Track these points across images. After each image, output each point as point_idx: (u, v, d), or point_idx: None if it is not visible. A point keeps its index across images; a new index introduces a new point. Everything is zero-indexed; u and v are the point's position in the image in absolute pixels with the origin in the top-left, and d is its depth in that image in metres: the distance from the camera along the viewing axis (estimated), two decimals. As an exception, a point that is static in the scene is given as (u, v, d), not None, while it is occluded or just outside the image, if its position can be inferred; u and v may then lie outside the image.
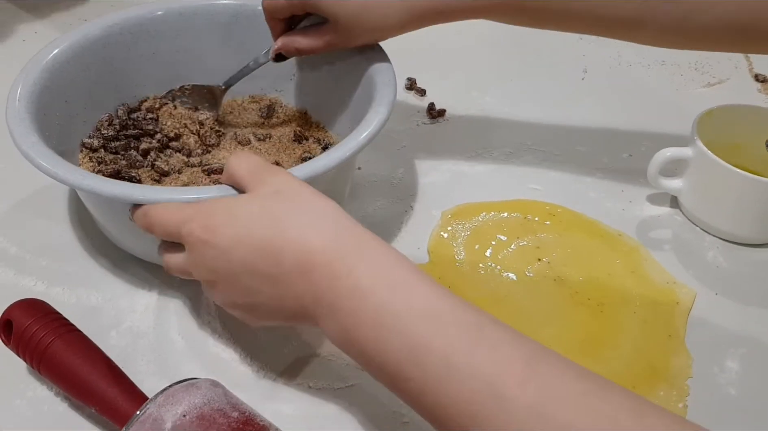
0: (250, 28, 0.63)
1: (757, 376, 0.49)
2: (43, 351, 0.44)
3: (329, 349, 0.50)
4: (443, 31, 0.83)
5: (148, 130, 0.61)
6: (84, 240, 0.57)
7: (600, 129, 0.69)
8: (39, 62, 0.55)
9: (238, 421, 0.40)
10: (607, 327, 0.51)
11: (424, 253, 0.56)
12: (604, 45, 0.81)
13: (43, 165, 0.47)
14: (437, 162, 0.65)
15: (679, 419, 0.32)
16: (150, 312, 0.52)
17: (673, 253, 0.57)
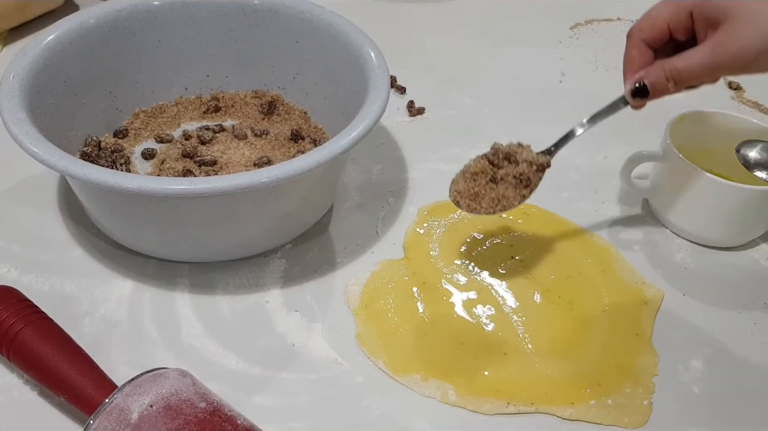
0: (255, 21, 0.63)
1: (721, 376, 0.50)
2: (12, 339, 0.44)
3: (303, 341, 0.50)
4: (424, 29, 0.84)
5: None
6: (60, 229, 0.57)
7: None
8: (40, 42, 0.55)
9: (205, 412, 0.40)
10: (577, 324, 0.52)
11: (399, 249, 0.57)
12: (582, 48, 0.82)
13: (24, 142, 0.47)
14: (415, 159, 0.66)
15: None
16: (124, 302, 0.52)
17: (642, 254, 0.58)
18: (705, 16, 0.45)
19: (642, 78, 0.47)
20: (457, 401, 0.47)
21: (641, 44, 0.47)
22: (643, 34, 0.47)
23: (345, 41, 0.59)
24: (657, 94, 0.47)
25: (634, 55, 0.48)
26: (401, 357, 0.49)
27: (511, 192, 0.50)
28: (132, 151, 0.63)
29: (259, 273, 0.54)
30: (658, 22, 0.47)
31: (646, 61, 0.47)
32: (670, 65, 0.45)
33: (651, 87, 0.46)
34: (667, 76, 0.45)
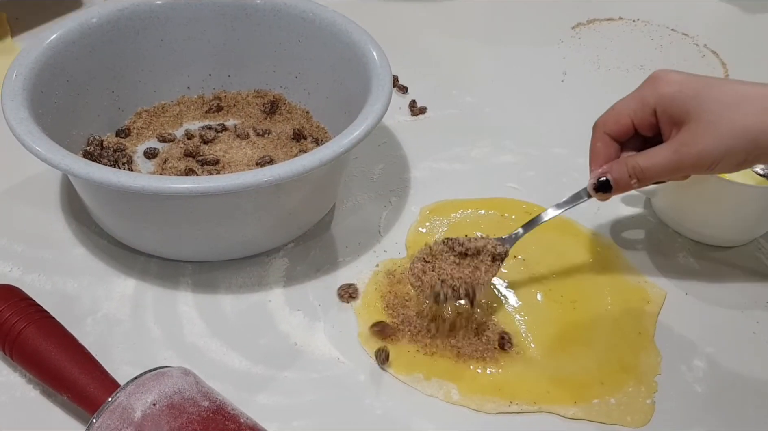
0: (257, 21, 0.63)
1: (723, 375, 0.50)
2: (15, 337, 0.44)
3: (305, 340, 0.50)
4: (427, 29, 0.84)
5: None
6: (62, 228, 0.57)
7: (577, 130, 0.70)
8: (42, 41, 0.56)
9: (208, 410, 0.40)
10: (579, 324, 0.52)
11: (401, 248, 0.57)
12: (583, 48, 0.82)
13: (26, 141, 0.47)
14: (417, 159, 0.66)
15: None
16: (126, 301, 0.52)
17: (645, 253, 0.58)
18: (669, 115, 0.44)
19: (605, 173, 0.46)
20: (459, 400, 0.47)
21: (605, 137, 0.47)
22: (607, 128, 0.47)
23: (347, 40, 0.59)
24: (620, 189, 0.46)
25: (599, 147, 0.47)
26: (404, 356, 0.49)
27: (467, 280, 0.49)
28: (134, 151, 0.63)
29: (261, 272, 0.54)
30: (622, 118, 0.46)
31: (611, 153, 0.47)
32: (633, 162, 0.45)
33: (614, 183, 0.46)
34: (630, 173, 0.45)
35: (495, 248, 0.50)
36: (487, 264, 0.50)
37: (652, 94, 0.45)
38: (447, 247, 0.50)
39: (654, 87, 0.45)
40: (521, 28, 0.86)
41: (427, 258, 0.50)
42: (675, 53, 0.82)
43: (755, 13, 0.90)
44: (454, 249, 0.50)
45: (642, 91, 0.46)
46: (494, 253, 0.50)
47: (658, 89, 0.45)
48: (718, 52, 0.83)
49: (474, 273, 0.49)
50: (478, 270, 0.50)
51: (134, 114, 0.65)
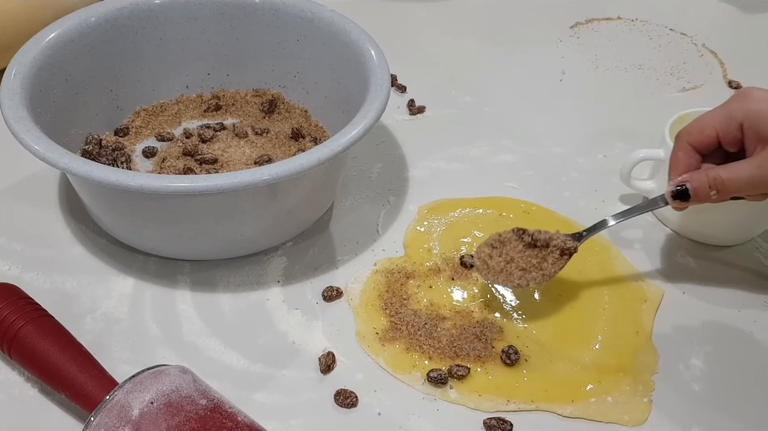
0: (255, 20, 0.63)
1: (721, 374, 0.50)
2: (13, 336, 0.44)
3: (303, 339, 0.50)
4: (425, 28, 0.84)
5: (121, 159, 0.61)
6: (61, 227, 0.57)
7: (576, 130, 0.71)
8: (41, 40, 0.56)
9: (205, 408, 0.40)
10: (577, 322, 0.52)
11: (400, 247, 0.57)
12: (582, 48, 0.82)
13: (25, 140, 0.48)
14: (415, 158, 0.66)
15: None
16: (125, 299, 0.52)
17: (643, 252, 0.58)
18: (756, 131, 0.44)
19: (684, 181, 0.46)
20: (457, 399, 0.47)
21: (688, 147, 0.47)
22: (691, 138, 0.47)
23: (345, 40, 0.59)
24: (698, 199, 0.46)
25: (680, 157, 0.47)
26: (402, 355, 0.49)
27: (534, 272, 0.50)
28: (133, 149, 0.63)
29: (259, 271, 0.54)
30: (707, 129, 0.46)
31: (691, 164, 0.47)
32: (714, 173, 0.45)
33: (692, 192, 0.46)
34: (710, 184, 0.45)
35: (565, 243, 0.50)
36: (555, 257, 0.50)
37: (740, 109, 0.45)
38: (516, 236, 0.51)
39: (743, 102, 0.45)
40: (520, 28, 0.86)
41: (495, 244, 0.51)
42: (673, 53, 0.82)
43: (753, 12, 0.90)
44: (523, 238, 0.51)
45: (730, 105, 0.46)
46: (563, 248, 0.50)
47: (746, 104, 0.45)
48: (717, 52, 0.83)
49: (541, 263, 0.50)
50: (545, 261, 0.50)
51: (133, 113, 0.65)
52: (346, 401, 0.46)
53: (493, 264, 0.50)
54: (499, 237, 0.52)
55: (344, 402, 0.46)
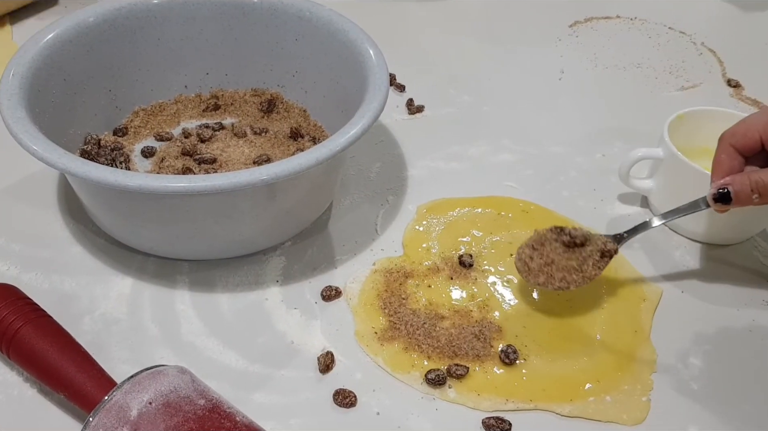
0: (254, 20, 0.63)
1: (719, 372, 0.50)
2: (12, 336, 0.44)
3: (302, 339, 0.50)
4: (424, 27, 0.84)
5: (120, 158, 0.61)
6: (60, 227, 0.57)
7: (575, 129, 0.71)
8: (39, 40, 0.56)
9: (204, 408, 0.40)
10: (575, 321, 0.52)
11: (398, 246, 0.57)
12: (581, 46, 0.82)
13: (23, 140, 0.48)
14: (414, 157, 0.66)
15: None
16: (124, 299, 0.52)
17: (641, 251, 0.58)
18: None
19: (726, 184, 0.46)
20: (456, 398, 0.47)
21: (731, 149, 0.47)
22: (734, 140, 0.46)
23: (344, 39, 0.59)
24: (739, 202, 0.46)
25: (723, 159, 0.47)
26: (400, 354, 0.49)
27: (574, 275, 0.50)
28: (132, 149, 0.63)
29: (258, 271, 0.54)
30: (750, 132, 0.46)
31: (734, 166, 0.47)
32: (757, 177, 0.44)
33: (734, 195, 0.46)
34: (753, 188, 0.45)
35: (605, 244, 0.50)
36: (596, 259, 0.50)
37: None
38: (555, 235, 0.51)
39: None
40: (519, 27, 0.86)
41: (536, 245, 0.50)
42: (672, 51, 0.82)
43: (752, 11, 0.90)
44: (562, 239, 0.50)
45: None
46: (603, 249, 0.50)
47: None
48: (716, 50, 0.83)
49: (581, 266, 0.50)
50: (585, 263, 0.50)
51: (131, 113, 0.65)
52: (345, 401, 0.46)
53: (534, 266, 0.50)
54: (538, 237, 0.51)
55: (343, 402, 0.46)
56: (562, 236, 0.50)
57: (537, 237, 0.51)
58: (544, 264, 0.50)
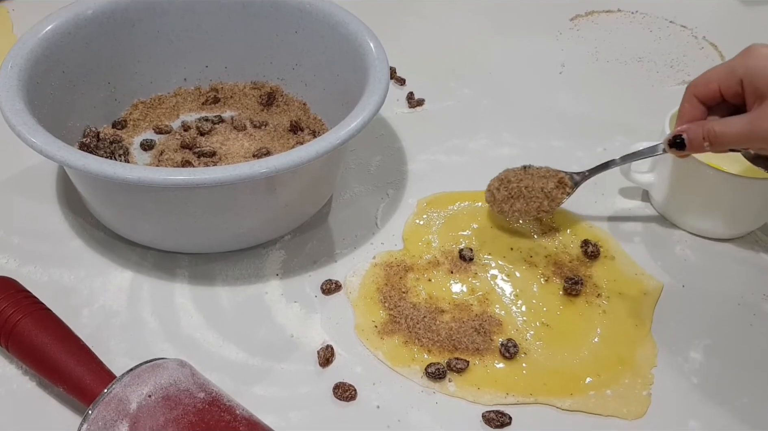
0: (253, 12, 0.63)
1: (720, 367, 0.50)
2: (11, 329, 0.44)
3: (302, 332, 0.50)
4: (424, 21, 0.84)
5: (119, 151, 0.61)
6: (59, 220, 0.57)
7: (576, 123, 0.70)
8: (38, 32, 0.55)
9: (203, 401, 0.40)
10: (576, 315, 0.52)
11: (398, 240, 0.57)
12: (582, 40, 0.82)
13: (22, 133, 0.47)
14: (414, 151, 0.65)
15: None
16: (123, 292, 0.52)
17: (642, 245, 0.58)
18: (754, 87, 0.45)
19: (682, 131, 0.48)
20: (456, 392, 0.47)
21: (693, 99, 0.49)
22: (696, 90, 0.49)
23: (344, 32, 0.59)
24: (693, 149, 0.48)
25: (686, 108, 0.49)
26: (400, 348, 0.49)
27: (534, 204, 0.55)
28: (131, 142, 0.63)
29: (258, 264, 0.54)
30: (710, 83, 0.48)
31: (696, 115, 0.49)
32: (709, 126, 0.47)
33: (688, 142, 0.48)
34: (704, 136, 0.47)
35: (563, 178, 0.56)
36: (552, 186, 0.55)
37: (741, 65, 0.46)
38: (522, 170, 0.57)
39: (745, 58, 0.46)
40: (520, 20, 0.85)
41: (503, 179, 0.56)
42: (673, 45, 0.82)
43: (753, 5, 0.90)
44: (528, 171, 0.56)
45: (733, 61, 0.47)
46: (559, 178, 0.56)
47: (747, 61, 0.46)
48: (717, 44, 0.83)
49: (542, 200, 0.55)
50: (548, 197, 0.55)
51: (131, 105, 0.65)
52: (345, 394, 0.46)
53: (499, 197, 0.56)
54: (506, 173, 0.57)
55: (343, 395, 0.46)
56: (529, 170, 0.56)
57: (504, 173, 0.57)
58: (509, 197, 0.55)
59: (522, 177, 0.56)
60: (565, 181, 0.56)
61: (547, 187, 0.55)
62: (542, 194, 0.55)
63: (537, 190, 0.55)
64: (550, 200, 0.55)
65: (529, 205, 0.55)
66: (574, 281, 0.53)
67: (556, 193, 0.55)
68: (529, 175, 0.56)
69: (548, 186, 0.55)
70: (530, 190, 0.55)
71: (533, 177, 0.56)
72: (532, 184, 0.55)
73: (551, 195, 0.55)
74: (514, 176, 0.56)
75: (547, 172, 0.56)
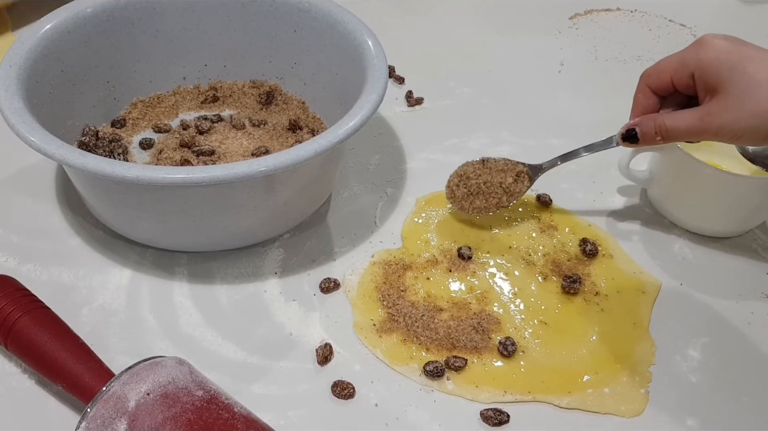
0: (253, 11, 0.63)
1: (718, 365, 0.50)
2: (10, 328, 0.44)
3: (301, 330, 0.50)
4: (423, 19, 0.84)
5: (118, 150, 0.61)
6: (58, 219, 0.57)
7: (574, 121, 0.70)
8: (37, 31, 0.55)
9: (202, 400, 0.40)
10: (574, 314, 0.52)
11: (397, 238, 0.57)
12: (581, 39, 0.82)
13: (21, 132, 0.47)
14: (413, 149, 0.65)
15: None
16: (122, 291, 0.52)
17: (641, 244, 0.58)
18: (704, 81, 0.45)
19: (635, 125, 0.48)
20: (454, 390, 0.47)
21: (647, 89, 0.48)
22: (649, 81, 0.48)
23: (343, 31, 0.59)
24: (645, 143, 0.48)
25: (639, 98, 0.49)
26: (399, 346, 0.49)
27: (492, 199, 0.56)
28: (130, 141, 0.63)
29: (257, 262, 0.54)
30: (663, 74, 0.47)
31: (649, 105, 0.48)
32: (660, 120, 0.46)
33: (640, 136, 0.48)
34: (656, 130, 0.47)
35: (520, 171, 0.56)
36: (511, 180, 0.56)
37: (692, 57, 0.45)
38: (480, 164, 0.57)
39: (696, 50, 0.45)
40: (519, 19, 0.85)
41: (462, 174, 0.57)
42: (672, 44, 0.82)
43: (753, 3, 0.90)
44: (486, 165, 0.57)
45: (685, 52, 0.46)
46: (518, 171, 0.56)
47: (699, 53, 0.45)
48: (716, 43, 0.82)
49: (501, 195, 0.56)
50: (506, 191, 0.56)
51: (130, 104, 0.65)
52: (344, 392, 0.46)
53: (459, 194, 0.56)
54: (464, 168, 0.57)
55: (341, 394, 0.46)
56: (487, 163, 0.57)
57: (463, 168, 0.57)
58: (468, 194, 0.56)
59: (480, 172, 0.56)
60: (524, 174, 0.56)
61: (505, 181, 0.56)
62: (500, 189, 0.56)
63: (495, 185, 0.56)
64: (509, 195, 0.56)
65: (489, 201, 0.56)
66: (572, 280, 0.53)
67: (514, 188, 0.56)
68: (487, 169, 0.56)
69: (506, 180, 0.56)
70: (489, 185, 0.56)
71: (491, 171, 0.56)
72: (490, 179, 0.56)
73: (510, 190, 0.56)
74: (473, 171, 0.57)
75: (505, 165, 0.57)
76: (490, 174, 0.56)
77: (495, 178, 0.56)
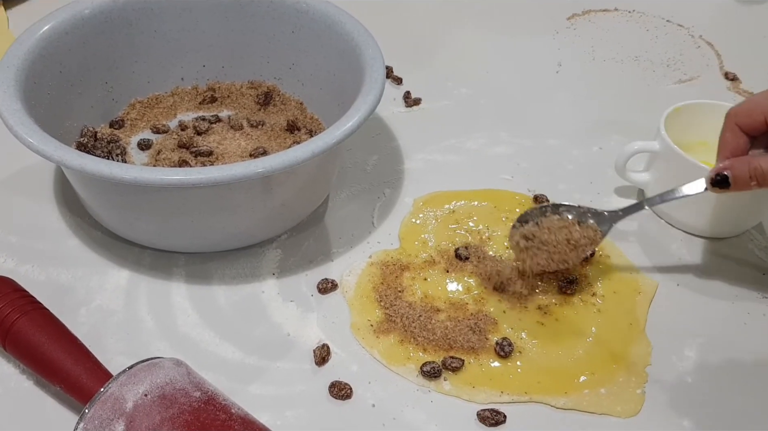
0: (251, 12, 0.63)
1: (714, 365, 0.50)
2: (8, 329, 0.44)
3: (298, 331, 0.50)
4: (421, 20, 0.84)
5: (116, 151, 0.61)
6: (56, 220, 0.57)
7: (572, 122, 0.71)
8: (35, 32, 0.55)
9: (199, 401, 0.40)
10: (571, 314, 0.52)
11: (395, 239, 0.57)
12: (579, 39, 0.82)
13: (19, 133, 0.48)
14: (411, 150, 0.66)
15: None
16: (120, 291, 0.52)
17: (637, 244, 0.58)
18: None
19: (726, 168, 0.44)
20: (451, 390, 0.47)
21: (736, 129, 0.45)
22: (738, 119, 0.45)
23: (341, 31, 0.59)
24: (738, 188, 0.44)
25: (728, 138, 0.45)
26: (396, 346, 0.49)
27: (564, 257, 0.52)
28: (128, 142, 0.63)
29: (255, 263, 0.54)
30: (755, 113, 0.44)
31: (739, 145, 0.45)
32: (756, 163, 0.43)
33: (733, 180, 0.44)
34: (751, 174, 0.43)
35: (595, 232, 0.52)
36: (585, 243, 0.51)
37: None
38: (548, 212, 0.53)
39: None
40: (516, 19, 0.86)
41: (528, 235, 0.52)
42: (670, 44, 0.82)
43: (750, 4, 0.90)
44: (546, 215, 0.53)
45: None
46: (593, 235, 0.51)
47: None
48: (713, 43, 0.83)
49: (571, 250, 0.51)
50: (576, 248, 0.51)
51: (128, 105, 0.65)
52: (341, 393, 0.46)
53: (528, 260, 0.52)
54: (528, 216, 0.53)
55: (339, 394, 0.46)
56: (557, 214, 0.52)
57: (528, 217, 0.53)
58: (537, 248, 0.51)
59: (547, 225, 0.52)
60: (598, 236, 0.52)
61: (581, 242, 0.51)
62: (576, 249, 0.51)
63: (571, 245, 0.51)
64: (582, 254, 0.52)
65: (561, 258, 0.51)
66: (569, 280, 0.53)
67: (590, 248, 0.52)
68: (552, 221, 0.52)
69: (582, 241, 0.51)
70: (562, 244, 0.51)
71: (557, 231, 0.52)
72: (563, 238, 0.51)
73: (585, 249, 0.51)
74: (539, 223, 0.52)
75: (578, 219, 0.52)
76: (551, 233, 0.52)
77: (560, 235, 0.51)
